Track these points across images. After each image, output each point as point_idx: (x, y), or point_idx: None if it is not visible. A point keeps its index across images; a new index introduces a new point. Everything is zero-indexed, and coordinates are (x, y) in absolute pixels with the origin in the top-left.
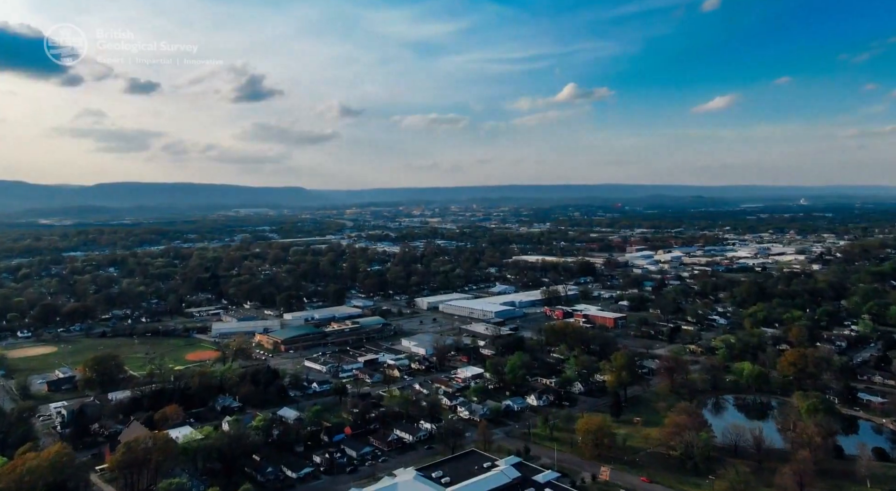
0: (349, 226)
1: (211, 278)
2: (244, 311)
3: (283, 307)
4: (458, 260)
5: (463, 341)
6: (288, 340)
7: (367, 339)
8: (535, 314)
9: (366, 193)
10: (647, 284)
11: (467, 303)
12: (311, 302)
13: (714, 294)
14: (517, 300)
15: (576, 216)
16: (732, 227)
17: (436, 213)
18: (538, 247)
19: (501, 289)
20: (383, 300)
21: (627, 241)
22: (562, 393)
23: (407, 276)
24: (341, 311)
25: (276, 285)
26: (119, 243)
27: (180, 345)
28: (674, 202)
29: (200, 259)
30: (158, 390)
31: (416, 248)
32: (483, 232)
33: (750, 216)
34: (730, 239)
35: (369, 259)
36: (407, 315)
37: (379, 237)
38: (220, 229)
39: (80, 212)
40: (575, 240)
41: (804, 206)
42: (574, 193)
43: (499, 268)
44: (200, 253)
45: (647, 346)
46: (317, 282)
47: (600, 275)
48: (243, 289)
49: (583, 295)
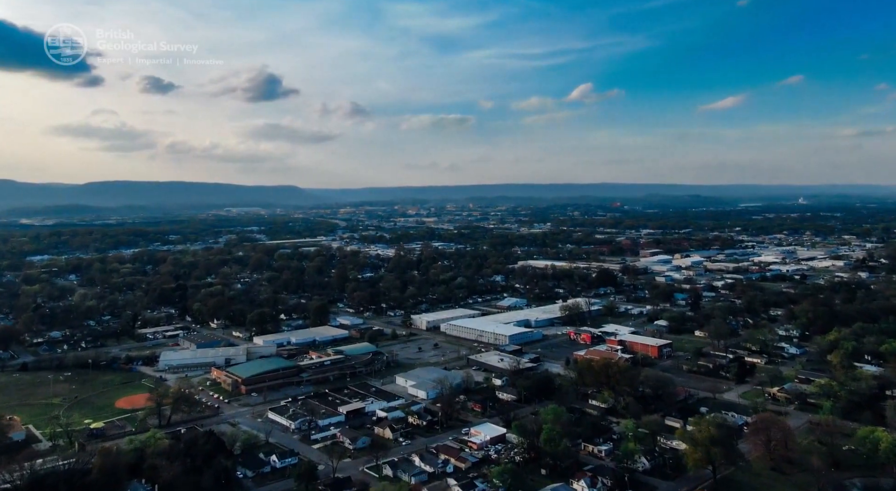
0: (342, 226)
1: (177, 289)
2: (209, 331)
3: (255, 328)
4: (459, 266)
5: (473, 379)
6: (251, 378)
7: (353, 374)
8: (556, 337)
9: (360, 192)
10: (678, 297)
11: (475, 323)
12: (290, 318)
13: (765, 312)
14: (533, 318)
15: (575, 216)
16: (743, 227)
17: (431, 212)
18: (543, 250)
19: (511, 302)
20: (375, 317)
21: (637, 243)
22: (622, 474)
23: (402, 285)
24: (324, 333)
25: (252, 298)
26: (92, 246)
27: (116, 383)
28: (671, 201)
29: (174, 265)
30: (38, 478)
31: (413, 250)
32: (482, 233)
33: (756, 216)
34: (745, 241)
35: (361, 264)
36: (402, 338)
37: (372, 239)
38: (205, 230)
39: (66, 211)
40: (581, 242)
41: (806, 206)
42: (570, 193)
43: (505, 275)
44: (176, 257)
45: (711, 387)
46: (300, 292)
47: (622, 284)
48: (210, 304)
49: (607, 310)
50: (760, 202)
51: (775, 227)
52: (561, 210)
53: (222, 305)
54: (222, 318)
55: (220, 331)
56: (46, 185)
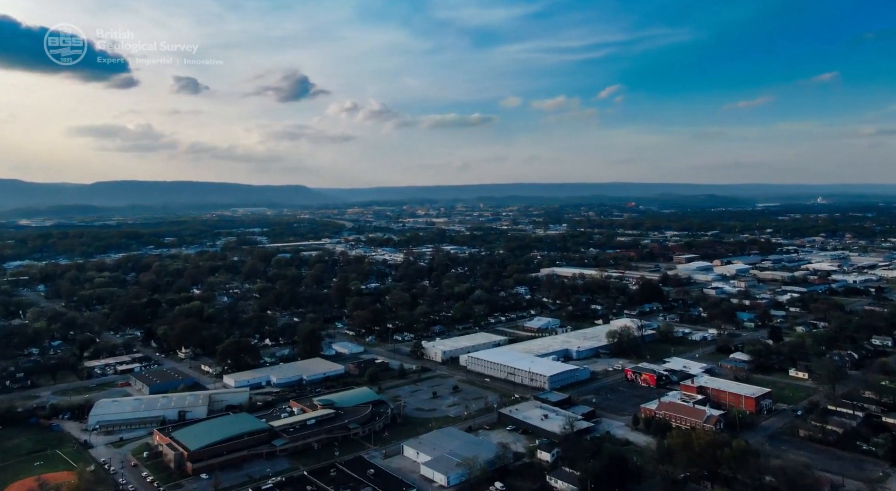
0: (348, 227)
1: (148, 306)
2: (174, 364)
3: (229, 361)
4: (475, 273)
5: (511, 451)
6: (202, 450)
7: (346, 438)
8: (607, 376)
9: (369, 192)
10: (742, 317)
11: (503, 356)
12: (276, 344)
13: (867, 341)
14: (573, 348)
15: (591, 216)
16: (774, 229)
17: (441, 212)
18: (564, 254)
19: (543, 323)
20: (379, 342)
21: (666, 247)
22: None
23: (412, 299)
24: (313, 368)
25: (235, 317)
26: (78, 249)
27: (24, 450)
28: (686, 201)
29: (157, 273)
30: None
31: (423, 254)
32: (496, 235)
33: (781, 216)
34: (783, 245)
35: (365, 273)
36: (412, 375)
37: (380, 242)
38: (205, 231)
39: (70, 211)
40: (604, 245)
41: (827, 205)
42: (581, 192)
43: (529, 286)
44: (162, 264)
45: (860, 474)
46: (294, 308)
47: (667, 299)
48: (178, 328)
49: (662, 336)
50: (777, 202)
51: (808, 228)
52: (574, 210)
53: (192, 329)
54: (193, 345)
55: (188, 362)
56: (54, 184)
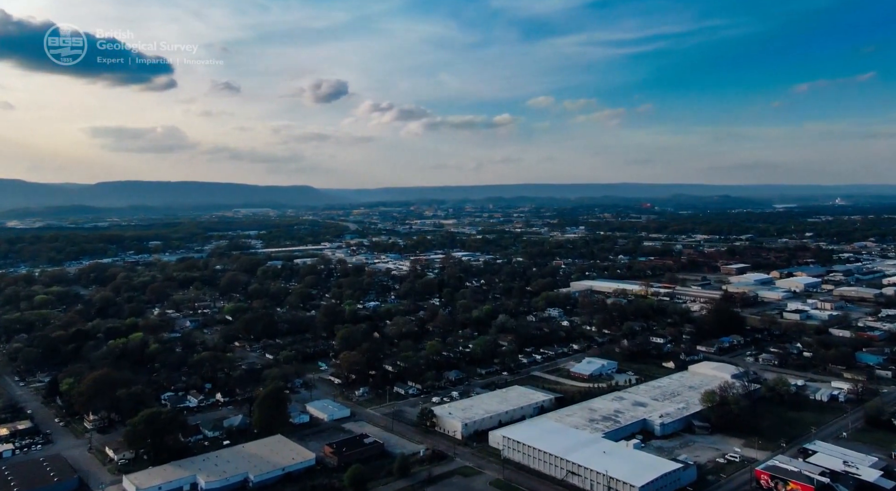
0: (352, 230)
1: (73, 340)
2: (73, 442)
3: (142, 446)
4: (493, 287)
5: None
6: None
7: None
8: (716, 469)
9: (376, 193)
10: (866, 359)
11: (557, 439)
12: (231, 400)
13: None
14: (655, 419)
15: (607, 218)
16: (816, 232)
17: (449, 214)
18: (593, 263)
19: (596, 367)
20: (372, 398)
21: (702, 253)
22: None
23: (419, 327)
24: (268, 459)
25: (182, 358)
26: (46, 256)
27: None
28: (700, 202)
29: (118, 287)
30: None
31: (432, 262)
32: (510, 238)
33: (811, 219)
34: (835, 251)
35: (364, 287)
36: (418, 467)
37: (384, 247)
38: (197, 234)
39: (66, 212)
40: (633, 252)
41: (854, 207)
42: (590, 193)
43: (562, 307)
44: (128, 275)
45: None
46: (268, 339)
47: (747, 328)
48: (86, 383)
49: (775, 394)
50: (794, 203)
51: (851, 232)
52: (587, 211)
53: (104, 383)
54: (105, 409)
55: (92, 439)
56: (55, 185)
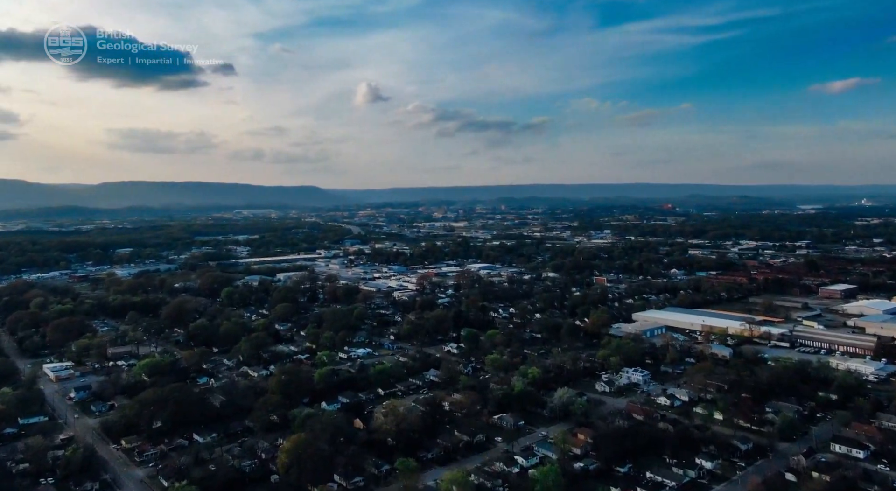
0: (354, 234)
1: None
2: None
3: None
4: (527, 320)
5: None
6: None
7: None
8: None
9: (383, 193)
10: None
11: None
12: None
13: None
14: None
15: (630, 220)
16: (887, 238)
17: (460, 215)
18: (644, 280)
19: None
20: None
21: (774, 267)
22: None
23: (427, 413)
24: None
25: None
26: None
27: None
28: (720, 203)
29: (17, 321)
30: None
31: (444, 279)
32: (532, 245)
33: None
34: None
35: (353, 323)
36: None
37: (387, 256)
38: (180, 239)
39: (59, 213)
40: (682, 264)
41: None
42: (604, 193)
43: (642, 365)
44: (40, 300)
45: None
46: (166, 443)
47: None
48: None
49: None
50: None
51: None
52: (606, 213)
53: None
54: None
55: None
56: (57, 186)
